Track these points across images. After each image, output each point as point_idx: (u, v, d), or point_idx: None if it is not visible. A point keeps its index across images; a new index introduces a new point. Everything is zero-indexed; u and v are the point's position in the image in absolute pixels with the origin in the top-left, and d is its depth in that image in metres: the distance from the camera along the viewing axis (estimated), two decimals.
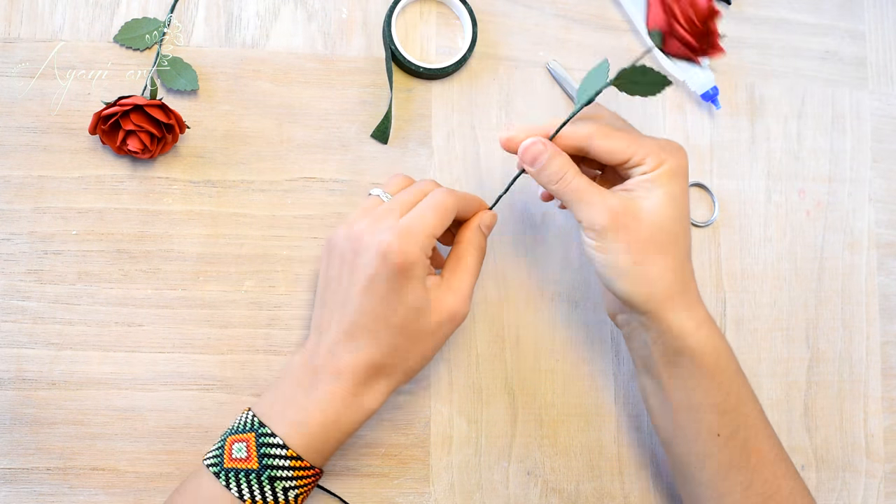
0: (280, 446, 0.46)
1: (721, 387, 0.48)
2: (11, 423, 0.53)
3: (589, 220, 0.47)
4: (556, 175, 0.48)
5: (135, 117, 0.53)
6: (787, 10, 0.66)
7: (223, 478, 0.46)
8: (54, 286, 0.54)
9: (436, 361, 0.58)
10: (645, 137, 0.49)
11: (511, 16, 0.62)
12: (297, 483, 0.46)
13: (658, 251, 0.47)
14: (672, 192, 0.47)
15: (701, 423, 0.49)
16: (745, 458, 0.49)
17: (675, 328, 0.48)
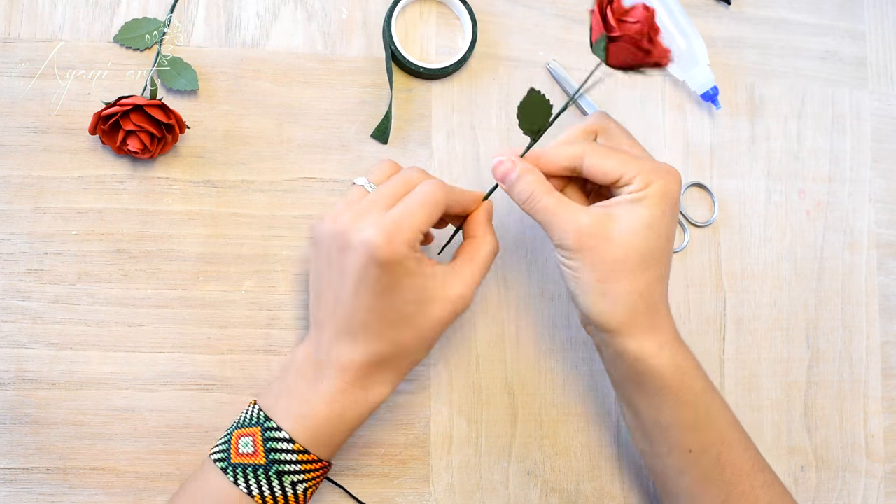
0: (286, 440, 0.46)
1: (688, 405, 0.48)
2: (11, 423, 0.53)
3: (557, 239, 0.47)
4: (524, 193, 0.48)
5: (135, 117, 0.53)
6: (787, 10, 0.66)
7: (230, 473, 0.46)
8: (54, 286, 0.54)
9: (436, 361, 0.58)
10: (640, 158, 0.48)
11: (511, 16, 0.62)
12: (306, 476, 0.46)
13: (626, 272, 0.46)
14: (653, 214, 0.46)
15: (671, 440, 0.49)
16: (720, 472, 0.49)
17: (632, 351, 0.47)
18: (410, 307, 0.46)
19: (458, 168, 0.59)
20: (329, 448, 0.47)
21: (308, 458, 0.46)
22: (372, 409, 0.48)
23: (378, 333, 0.47)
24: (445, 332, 0.57)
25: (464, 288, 0.48)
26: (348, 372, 0.47)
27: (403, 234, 0.45)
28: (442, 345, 0.58)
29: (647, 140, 0.62)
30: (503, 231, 0.59)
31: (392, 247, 0.44)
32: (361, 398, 0.47)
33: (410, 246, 0.45)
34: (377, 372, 0.47)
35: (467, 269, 0.49)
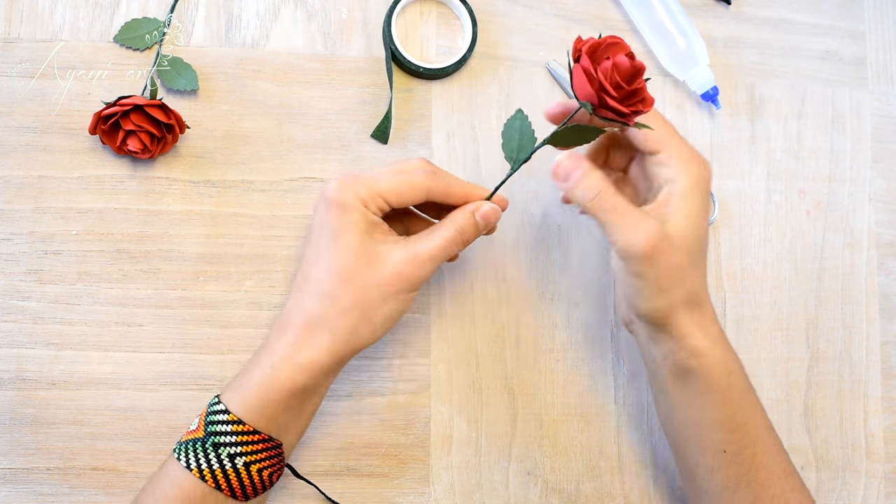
0: (222, 411, 0.46)
1: (730, 405, 0.48)
2: (11, 423, 0.53)
3: (625, 244, 0.46)
4: (591, 191, 0.47)
5: (135, 117, 0.53)
6: (787, 10, 0.66)
7: (176, 452, 0.46)
8: (54, 286, 0.54)
9: (436, 361, 0.58)
10: (680, 139, 0.48)
11: (511, 16, 0.62)
12: (245, 450, 0.45)
13: (685, 274, 0.47)
14: (698, 209, 0.47)
15: (708, 439, 0.49)
16: (753, 474, 0.49)
17: (689, 346, 0.47)
18: (351, 262, 0.46)
19: (458, 168, 0.59)
20: (265, 418, 0.46)
21: (244, 428, 0.45)
22: (305, 376, 0.46)
23: (319, 288, 0.46)
24: (445, 332, 0.57)
25: (409, 255, 0.46)
26: (288, 332, 0.46)
27: (357, 185, 0.46)
28: (442, 345, 0.58)
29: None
30: (503, 230, 0.59)
31: (341, 192, 0.46)
32: (291, 360, 0.46)
33: (359, 198, 0.46)
34: (313, 333, 0.46)
35: (419, 242, 0.47)
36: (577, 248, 0.60)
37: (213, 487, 0.45)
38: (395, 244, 0.47)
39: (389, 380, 0.57)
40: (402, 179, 0.48)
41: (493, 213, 0.50)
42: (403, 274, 0.46)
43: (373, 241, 0.47)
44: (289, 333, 0.46)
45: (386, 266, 0.46)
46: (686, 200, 0.47)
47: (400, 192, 0.48)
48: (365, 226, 0.47)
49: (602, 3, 0.63)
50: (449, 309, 0.58)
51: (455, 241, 0.48)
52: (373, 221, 0.47)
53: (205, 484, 0.44)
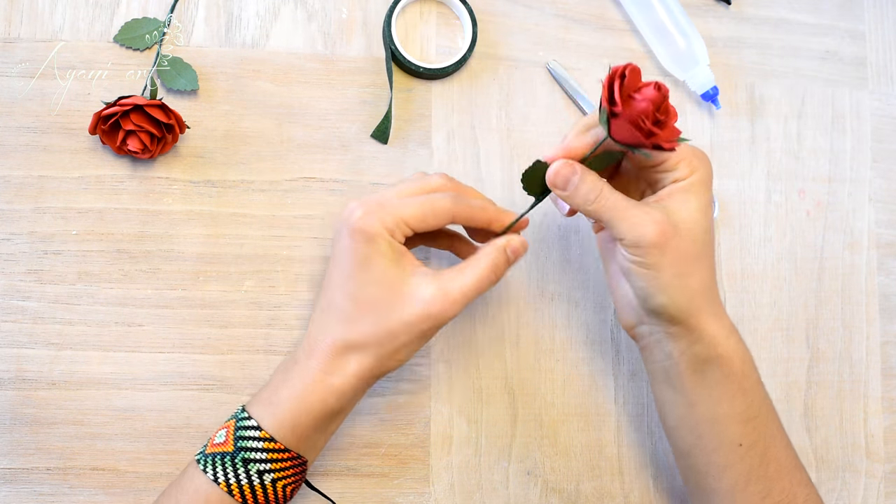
0: (254, 428, 0.46)
1: (746, 395, 0.49)
2: (11, 423, 0.53)
3: (634, 236, 0.46)
4: (591, 194, 0.47)
5: (135, 117, 0.53)
6: (787, 10, 0.66)
7: (202, 463, 0.46)
8: (54, 286, 0.54)
9: (436, 361, 0.58)
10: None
11: (511, 16, 0.62)
12: (274, 467, 0.45)
13: (696, 262, 0.47)
14: (704, 202, 0.47)
15: (724, 434, 0.49)
16: (765, 468, 0.49)
17: (708, 336, 0.48)
18: (378, 291, 0.46)
19: (458, 168, 0.59)
20: (297, 437, 0.46)
21: (275, 446, 0.45)
22: (336, 398, 0.46)
23: (345, 315, 0.46)
24: (445, 332, 0.57)
25: (439, 293, 0.46)
26: (315, 354, 0.47)
27: (384, 213, 0.46)
28: (442, 345, 0.58)
29: None
30: None
31: (366, 220, 0.46)
32: (324, 382, 0.46)
33: (385, 226, 0.46)
34: (342, 357, 0.46)
35: (450, 279, 0.47)
36: (577, 248, 0.60)
37: (240, 502, 0.45)
38: (424, 278, 0.46)
39: (389, 380, 0.57)
40: (427, 207, 0.47)
41: (522, 248, 0.49)
42: (433, 313, 0.46)
43: (402, 272, 0.46)
44: (317, 355, 0.47)
45: (415, 302, 0.46)
46: (690, 194, 0.47)
47: (424, 219, 0.47)
48: (392, 255, 0.46)
49: (602, 3, 0.63)
50: None
51: (488, 280, 0.48)
52: (399, 250, 0.47)
53: (231, 498, 0.45)
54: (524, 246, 0.50)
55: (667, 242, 0.45)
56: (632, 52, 0.63)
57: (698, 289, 0.47)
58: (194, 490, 0.45)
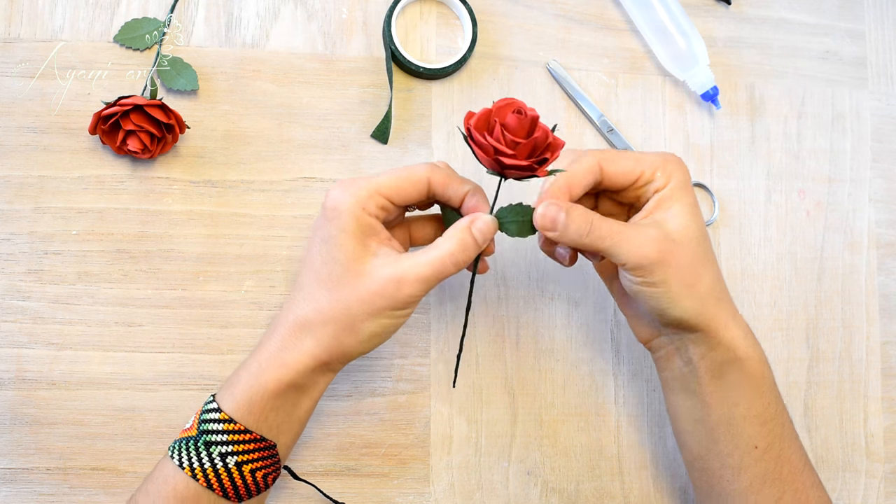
0: (214, 410, 0.46)
1: (763, 396, 0.49)
2: (11, 423, 0.53)
3: (635, 258, 0.45)
4: (584, 226, 0.46)
5: (135, 117, 0.53)
6: (787, 10, 0.66)
7: (170, 450, 0.46)
8: (54, 286, 0.54)
9: (435, 361, 0.58)
10: (645, 153, 0.49)
11: (511, 16, 0.62)
12: (237, 449, 0.45)
13: (702, 267, 0.47)
14: (689, 204, 0.47)
15: (740, 437, 0.49)
16: (779, 470, 0.49)
17: (728, 339, 0.48)
18: (338, 271, 0.45)
19: (458, 168, 0.59)
20: (254, 416, 0.45)
21: (235, 427, 0.45)
22: (292, 376, 0.45)
23: (307, 293, 0.46)
24: (445, 332, 0.57)
25: (397, 274, 0.44)
26: (275, 334, 0.47)
27: (356, 187, 0.46)
28: (442, 345, 0.58)
29: (648, 140, 0.62)
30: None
31: (337, 195, 0.45)
32: (278, 359, 0.46)
33: (359, 199, 0.45)
34: (299, 335, 0.46)
35: (410, 261, 0.45)
36: None
37: (205, 487, 0.44)
38: (386, 258, 0.45)
39: (389, 380, 0.57)
40: (402, 174, 0.47)
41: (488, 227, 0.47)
42: (387, 294, 0.45)
43: (365, 250, 0.46)
44: (277, 335, 0.47)
45: (370, 282, 0.45)
46: (676, 200, 0.47)
47: (400, 187, 0.46)
48: (359, 232, 0.45)
49: (602, 3, 0.63)
50: (449, 309, 0.58)
51: (451, 261, 0.45)
52: (369, 226, 0.46)
53: (197, 483, 0.44)
54: (490, 225, 0.47)
55: (667, 256, 0.45)
56: (632, 52, 0.63)
57: (709, 292, 0.47)
58: (163, 479, 0.45)
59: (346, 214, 0.45)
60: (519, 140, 0.43)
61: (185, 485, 0.44)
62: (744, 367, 0.48)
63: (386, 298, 0.45)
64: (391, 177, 0.47)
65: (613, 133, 0.61)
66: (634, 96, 0.62)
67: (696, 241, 0.47)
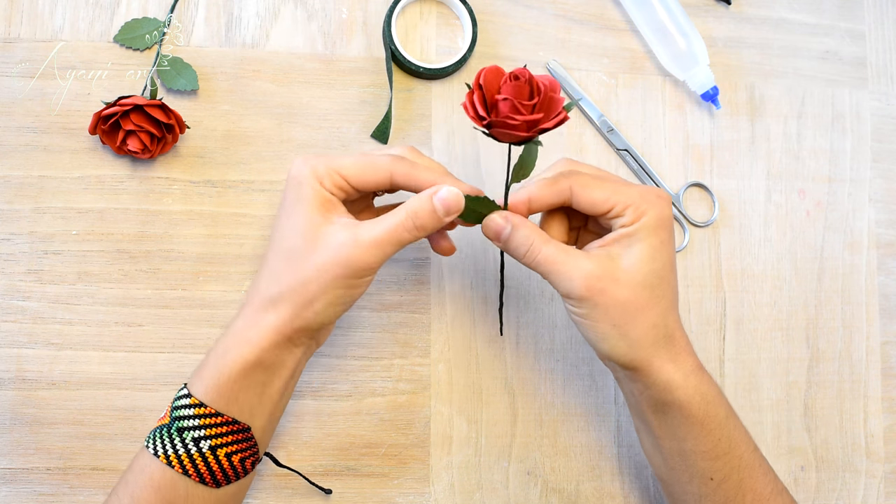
0: (185, 396, 0.46)
1: (711, 434, 0.48)
2: (11, 423, 0.53)
3: (564, 289, 0.46)
4: (522, 247, 0.46)
5: (135, 117, 0.53)
6: (787, 10, 0.66)
7: (146, 440, 0.46)
8: (54, 286, 0.54)
9: (436, 361, 0.58)
10: (628, 187, 0.47)
11: (511, 16, 0.62)
12: (210, 433, 0.44)
13: (638, 310, 0.46)
14: (652, 245, 0.46)
15: (693, 469, 0.49)
16: (741, 498, 0.48)
17: (661, 382, 0.47)
18: (296, 241, 0.45)
19: (458, 168, 0.59)
20: (224, 399, 0.45)
21: (206, 411, 0.45)
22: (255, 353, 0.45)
23: (270, 269, 0.46)
24: (445, 332, 0.57)
25: (349, 239, 0.44)
26: (241, 314, 0.47)
27: (317, 162, 0.46)
28: (442, 345, 0.58)
29: (648, 140, 0.62)
30: None
31: (297, 165, 0.46)
32: (242, 336, 0.46)
33: (317, 173, 0.46)
34: (262, 311, 0.46)
35: (365, 226, 0.45)
36: None
37: (181, 473, 0.44)
38: (342, 226, 0.45)
39: (389, 380, 0.57)
40: (365, 160, 0.47)
41: (451, 198, 0.46)
42: (342, 258, 0.44)
43: (321, 220, 0.45)
44: (242, 314, 0.47)
45: (326, 248, 0.44)
46: (634, 239, 0.46)
47: (359, 172, 0.46)
48: (317, 202, 0.45)
49: (602, 3, 0.63)
50: (449, 309, 0.58)
51: (406, 227, 0.45)
52: (326, 199, 0.46)
53: (173, 470, 0.44)
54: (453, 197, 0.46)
55: (596, 294, 0.45)
56: (632, 52, 0.63)
57: (642, 337, 0.46)
58: (140, 469, 0.45)
59: (306, 186, 0.46)
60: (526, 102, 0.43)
61: (162, 473, 0.44)
62: (682, 408, 0.47)
63: (340, 266, 0.44)
64: (353, 161, 0.47)
65: (613, 133, 0.61)
66: (634, 96, 0.62)
67: (641, 283, 0.46)
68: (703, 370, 0.48)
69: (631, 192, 0.47)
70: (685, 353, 0.48)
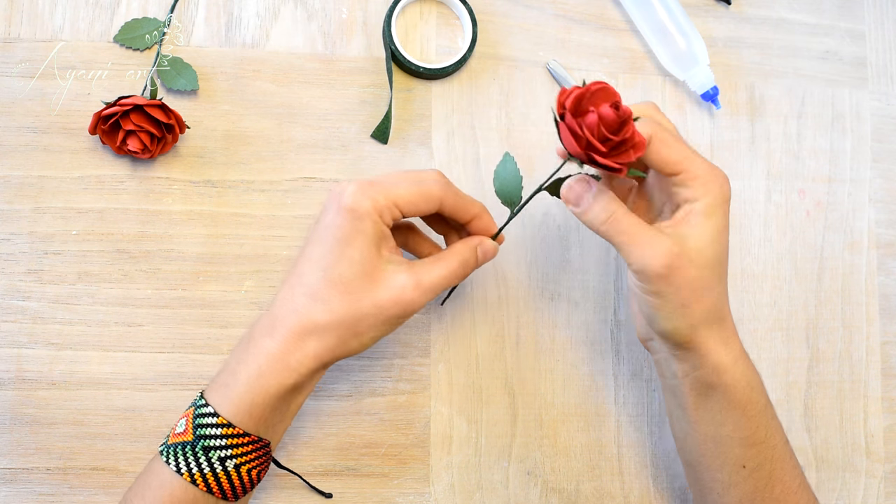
0: (211, 414, 0.45)
1: (751, 421, 0.48)
2: (11, 423, 0.53)
3: (641, 264, 0.45)
4: (603, 213, 0.46)
5: (135, 117, 0.53)
6: (787, 10, 0.66)
7: (164, 455, 0.45)
8: (54, 286, 0.54)
9: (435, 361, 0.58)
10: (698, 157, 0.47)
11: (511, 16, 0.62)
12: (235, 452, 0.44)
13: (705, 289, 0.46)
14: (718, 226, 0.46)
15: (727, 455, 0.49)
16: (770, 489, 0.49)
17: (712, 363, 0.47)
18: (354, 273, 0.45)
19: (458, 168, 0.59)
20: (254, 419, 0.45)
21: (234, 431, 0.44)
22: (293, 378, 0.45)
23: (314, 292, 0.45)
24: (445, 332, 0.57)
25: (411, 283, 0.45)
26: (274, 333, 0.45)
27: (374, 192, 0.45)
28: (442, 345, 0.58)
29: None
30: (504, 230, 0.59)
31: (358, 197, 0.45)
32: (281, 362, 0.45)
33: (376, 206, 0.45)
34: (303, 337, 0.45)
35: (423, 269, 0.46)
36: (577, 248, 0.60)
37: (205, 491, 0.44)
38: (400, 266, 0.46)
39: (389, 380, 0.57)
40: (418, 189, 0.47)
41: (492, 251, 0.50)
42: (402, 300, 0.45)
43: (380, 257, 0.46)
44: (277, 334, 0.45)
45: (387, 289, 0.45)
46: (705, 218, 0.46)
47: (415, 202, 0.47)
48: (376, 238, 0.45)
49: (602, 3, 0.63)
50: (449, 309, 0.58)
51: (457, 275, 0.48)
52: (383, 234, 0.46)
53: (196, 488, 0.44)
54: (494, 250, 0.51)
55: (673, 273, 0.45)
56: (632, 52, 0.63)
57: (704, 316, 0.46)
58: (159, 484, 0.45)
59: (367, 219, 0.45)
60: (610, 137, 0.42)
61: (184, 490, 0.44)
62: (728, 391, 0.47)
63: (399, 307, 0.45)
64: (408, 191, 0.46)
65: None
66: (634, 96, 0.62)
67: (709, 265, 0.46)
68: (747, 356, 0.49)
69: (701, 165, 0.46)
70: (734, 337, 0.48)
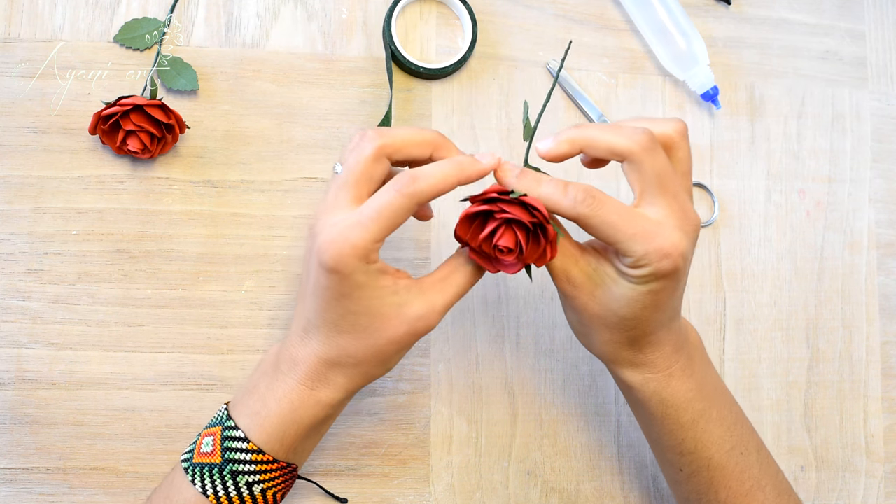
0: (242, 439, 0.45)
1: (673, 434, 0.49)
2: (11, 423, 0.53)
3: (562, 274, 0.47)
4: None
5: (135, 117, 0.53)
6: (787, 10, 0.66)
7: (190, 473, 0.45)
8: (54, 286, 0.54)
9: (435, 361, 0.58)
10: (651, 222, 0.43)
11: (511, 16, 0.62)
12: (263, 478, 0.45)
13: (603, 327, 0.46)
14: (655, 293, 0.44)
15: (663, 457, 0.51)
16: (714, 494, 0.49)
17: (624, 382, 0.49)
18: (361, 319, 0.44)
19: None
20: (285, 448, 0.46)
21: (263, 458, 0.45)
22: (324, 411, 0.46)
23: (327, 338, 0.45)
24: (445, 332, 0.57)
25: (426, 310, 0.45)
26: (300, 368, 0.46)
27: (354, 245, 0.41)
28: (442, 345, 0.58)
29: None
30: None
31: (340, 260, 0.42)
32: (312, 398, 0.45)
33: (361, 258, 0.42)
34: (327, 373, 0.45)
35: (435, 292, 0.46)
36: None
37: None
38: (409, 293, 0.45)
39: (389, 380, 0.57)
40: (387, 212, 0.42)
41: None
42: (419, 330, 0.45)
43: (384, 297, 0.44)
44: (300, 371, 0.46)
45: (403, 324, 0.44)
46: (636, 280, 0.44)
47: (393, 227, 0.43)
48: (370, 282, 0.43)
49: (602, 3, 0.63)
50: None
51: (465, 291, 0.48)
52: (375, 272, 0.43)
53: None
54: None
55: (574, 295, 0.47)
56: (632, 52, 0.63)
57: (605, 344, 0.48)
58: (183, 501, 0.45)
59: (355, 274, 0.42)
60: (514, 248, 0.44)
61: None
62: (640, 406, 0.49)
63: (420, 333, 0.46)
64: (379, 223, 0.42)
65: None
66: (634, 96, 0.62)
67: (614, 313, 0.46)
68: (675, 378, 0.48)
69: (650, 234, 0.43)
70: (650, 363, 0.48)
